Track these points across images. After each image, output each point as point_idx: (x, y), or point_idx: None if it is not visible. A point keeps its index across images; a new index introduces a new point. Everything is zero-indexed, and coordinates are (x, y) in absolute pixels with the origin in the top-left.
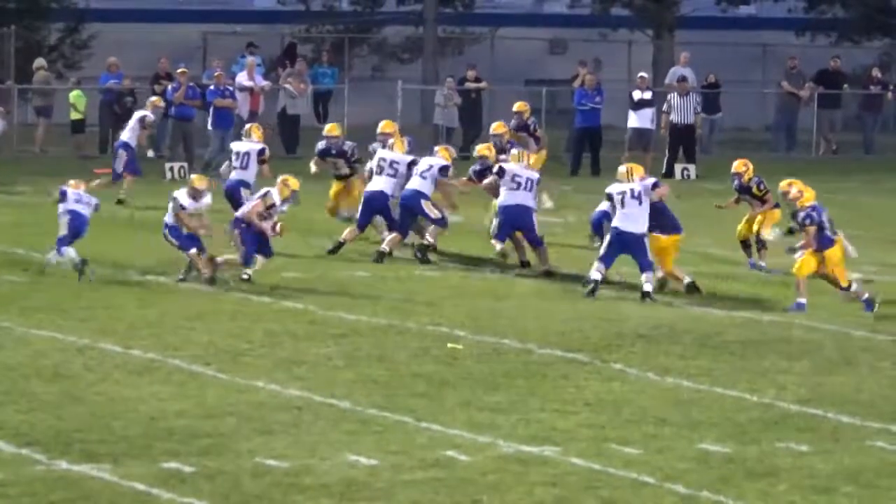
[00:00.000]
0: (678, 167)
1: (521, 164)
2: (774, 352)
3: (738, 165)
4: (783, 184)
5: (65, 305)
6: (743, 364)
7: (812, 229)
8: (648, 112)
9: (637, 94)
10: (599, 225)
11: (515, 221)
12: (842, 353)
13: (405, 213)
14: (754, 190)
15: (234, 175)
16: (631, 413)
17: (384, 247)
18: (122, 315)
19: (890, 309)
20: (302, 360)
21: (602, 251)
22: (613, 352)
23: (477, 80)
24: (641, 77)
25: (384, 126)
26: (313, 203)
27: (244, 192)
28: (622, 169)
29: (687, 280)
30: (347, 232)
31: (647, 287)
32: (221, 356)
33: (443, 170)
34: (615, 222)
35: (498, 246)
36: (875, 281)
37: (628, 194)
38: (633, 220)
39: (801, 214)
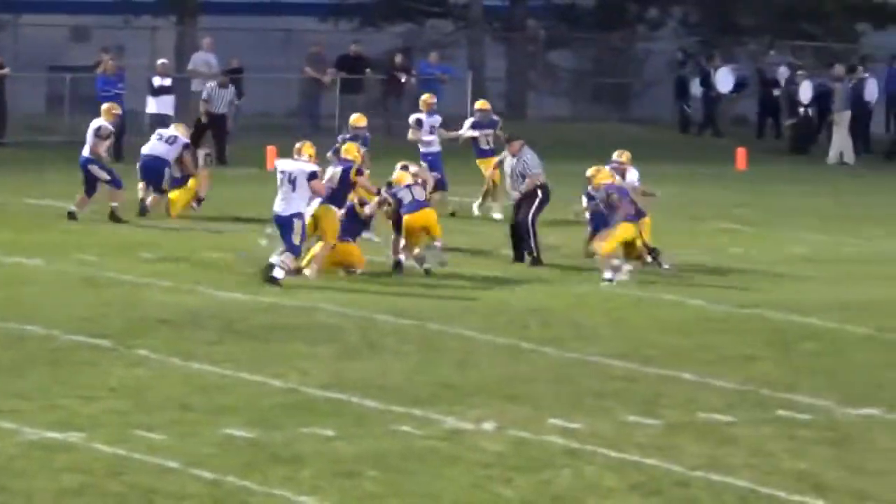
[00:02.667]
0: (201, 153)
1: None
2: (298, 337)
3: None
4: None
5: None
6: (267, 349)
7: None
8: (168, 98)
9: (157, 81)
10: None
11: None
12: (365, 338)
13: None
14: None
15: None
16: (155, 399)
17: None
18: None
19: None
20: None
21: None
22: (137, 337)
23: (0, 66)
24: (162, 63)
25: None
26: None
27: None
28: (298, 145)
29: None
30: None
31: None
32: None
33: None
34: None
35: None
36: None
37: (286, 177)
38: (284, 202)
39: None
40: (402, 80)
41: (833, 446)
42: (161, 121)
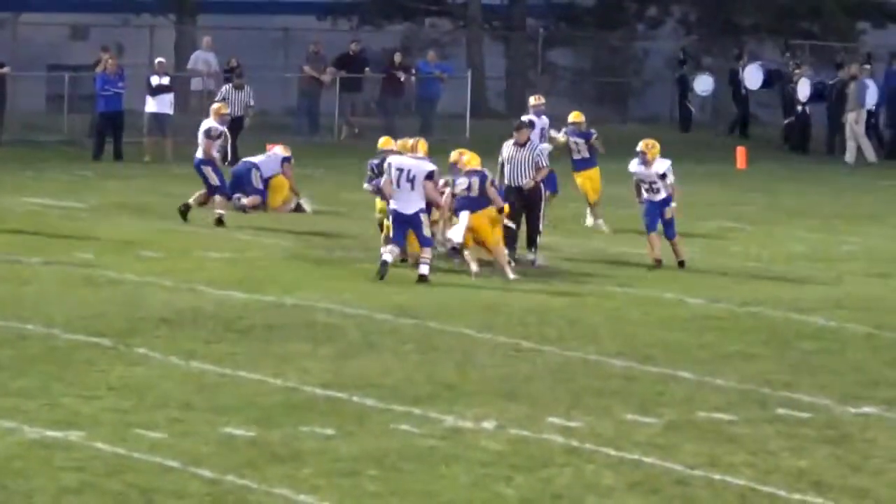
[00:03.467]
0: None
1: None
2: (298, 336)
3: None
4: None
5: None
6: (267, 348)
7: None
8: (167, 97)
9: (155, 80)
10: None
11: None
12: (365, 337)
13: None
14: None
15: None
16: (155, 397)
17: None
18: None
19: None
20: None
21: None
22: (137, 336)
23: (0, 65)
24: (159, 62)
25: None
26: None
27: None
28: (411, 142)
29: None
30: None
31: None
32: None
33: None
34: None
35: None
36: None
37: (405, 175)
38: (405, 201)
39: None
40: (402, 78)
41: (833, 444)
42: (158, 119)
